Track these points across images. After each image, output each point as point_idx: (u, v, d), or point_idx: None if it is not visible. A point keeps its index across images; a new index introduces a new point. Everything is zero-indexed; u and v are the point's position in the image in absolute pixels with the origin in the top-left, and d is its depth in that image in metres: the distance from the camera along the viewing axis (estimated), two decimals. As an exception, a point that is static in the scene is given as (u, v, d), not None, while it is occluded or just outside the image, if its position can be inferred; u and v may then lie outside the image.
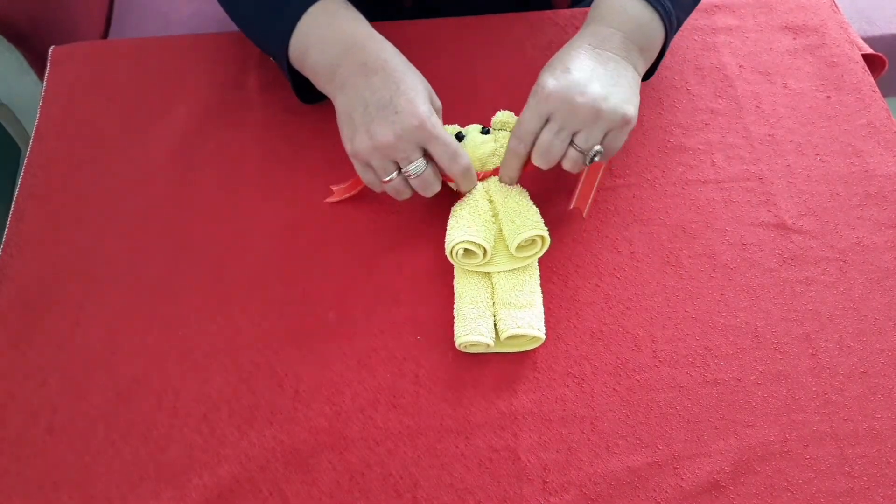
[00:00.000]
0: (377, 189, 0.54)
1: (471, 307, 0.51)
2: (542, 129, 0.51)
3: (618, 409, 0.50)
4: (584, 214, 0.57)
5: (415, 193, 0.53)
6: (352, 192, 0.58)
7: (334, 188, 0.59)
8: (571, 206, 0.55)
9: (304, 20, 0.54)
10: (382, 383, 0.51)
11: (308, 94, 0.61)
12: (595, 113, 0.50)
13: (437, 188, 0.53)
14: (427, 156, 0.51)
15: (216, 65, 0.67)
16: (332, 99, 0.54)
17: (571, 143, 0.51)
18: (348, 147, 0.52)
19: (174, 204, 0.59)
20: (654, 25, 0.54)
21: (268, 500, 0.46)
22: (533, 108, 0.51)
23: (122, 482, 0.47)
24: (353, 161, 0.53)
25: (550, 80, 0.50)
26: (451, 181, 0.56)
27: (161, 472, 0.47)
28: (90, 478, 0.47)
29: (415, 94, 0.50)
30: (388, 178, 0.51)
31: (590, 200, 0.57)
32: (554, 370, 0.51)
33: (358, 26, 0.55)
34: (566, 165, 0.52)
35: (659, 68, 0.67)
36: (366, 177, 0.53)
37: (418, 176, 0.51)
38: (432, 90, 0.53)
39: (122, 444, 0.48)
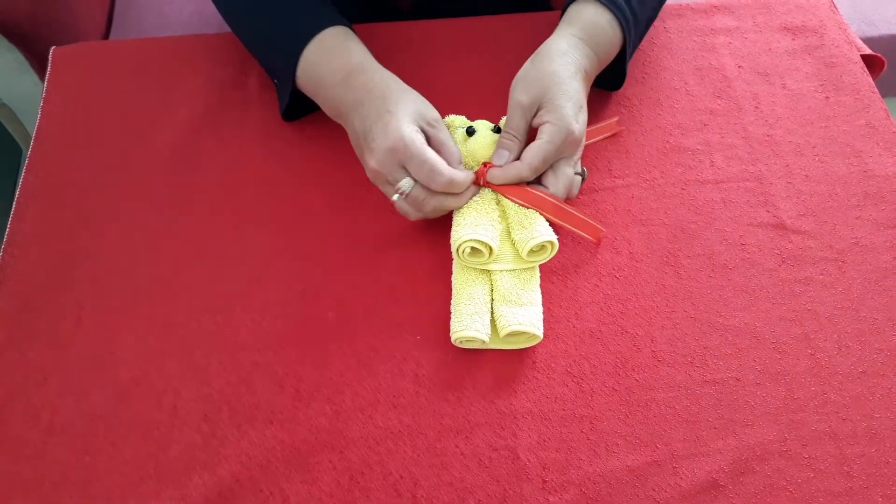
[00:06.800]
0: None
1: (467, 303, 0.51)
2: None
3: (617, 409, 0.50)
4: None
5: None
6: None
7: None
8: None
9: (302, 63, 0.56)
10: (382, 383, 0.51)
11: (292, 114, 0.62)
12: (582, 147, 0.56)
13: (428, 208, 0.52)
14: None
15: (216, 65, 0.67)
16: None
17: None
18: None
19: (174, 204, 0.59)
20: (611, 29, 0.57)
21: (268, 499, 0.46)
22: (557, 147, 0.52)
23: (122, 482, 0.47)
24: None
25: (576, 125, 0.52)
26: None
27: (161, 472, 0.47)
28: (90, 478, 0.47)
29: (391, 116, 0.50)
30: (392, 200, 0.52)
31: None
32: (553, 370, 0.51)
33: (351, 59, 0.55)
34: (575, 192, 0.56)
35: (658, 69, 0.68)
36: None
37: (409, 195, 0.51)
38: (426, 105, 0.53)
39: (122, 444, 0.48)
